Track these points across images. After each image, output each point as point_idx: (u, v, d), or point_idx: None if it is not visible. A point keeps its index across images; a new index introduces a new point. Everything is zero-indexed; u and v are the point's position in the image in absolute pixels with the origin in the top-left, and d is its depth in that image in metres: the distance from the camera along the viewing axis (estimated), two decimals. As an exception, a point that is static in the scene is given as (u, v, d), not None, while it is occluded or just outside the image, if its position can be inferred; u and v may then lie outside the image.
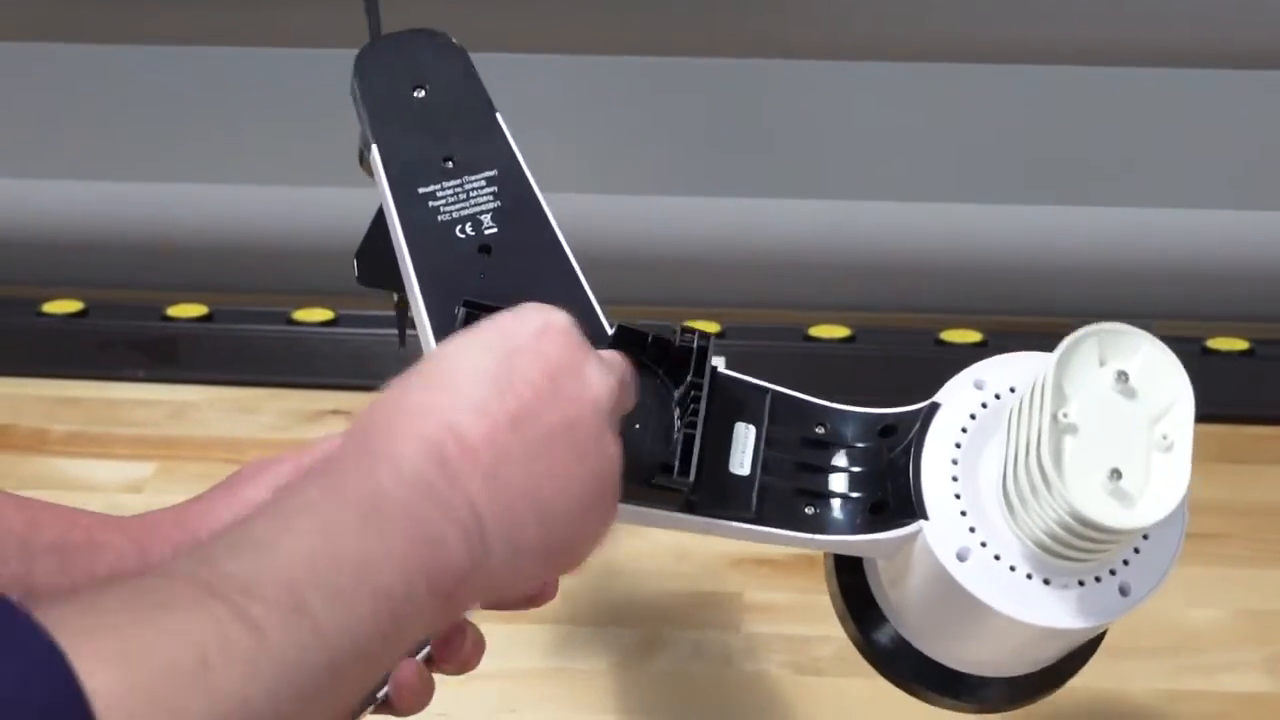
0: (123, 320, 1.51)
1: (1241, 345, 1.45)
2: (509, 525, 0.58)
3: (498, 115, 0.85)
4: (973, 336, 1.46)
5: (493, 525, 0.58)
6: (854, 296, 1.56)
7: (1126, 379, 0.67)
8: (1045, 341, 1.50)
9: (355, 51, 0.87)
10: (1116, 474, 0.64)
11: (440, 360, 0.62)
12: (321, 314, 1.49)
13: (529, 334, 0.63)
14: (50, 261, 1.60)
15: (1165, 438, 0.66)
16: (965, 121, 1.47)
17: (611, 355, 0.68)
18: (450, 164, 0.82)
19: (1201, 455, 1.39)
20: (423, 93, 0.85)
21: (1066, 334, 1.26)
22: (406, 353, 0.85)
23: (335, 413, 1.42)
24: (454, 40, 0.87)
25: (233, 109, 1.51)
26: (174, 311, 1.51)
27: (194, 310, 1.51)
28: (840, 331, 1.47)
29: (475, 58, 0.87)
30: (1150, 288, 1.53)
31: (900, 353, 1.47)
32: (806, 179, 1.52)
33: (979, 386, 0.74)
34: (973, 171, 1.50)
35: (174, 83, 1.50)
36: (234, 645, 0.48)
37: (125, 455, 1.38)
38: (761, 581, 1.21)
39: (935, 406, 0.74)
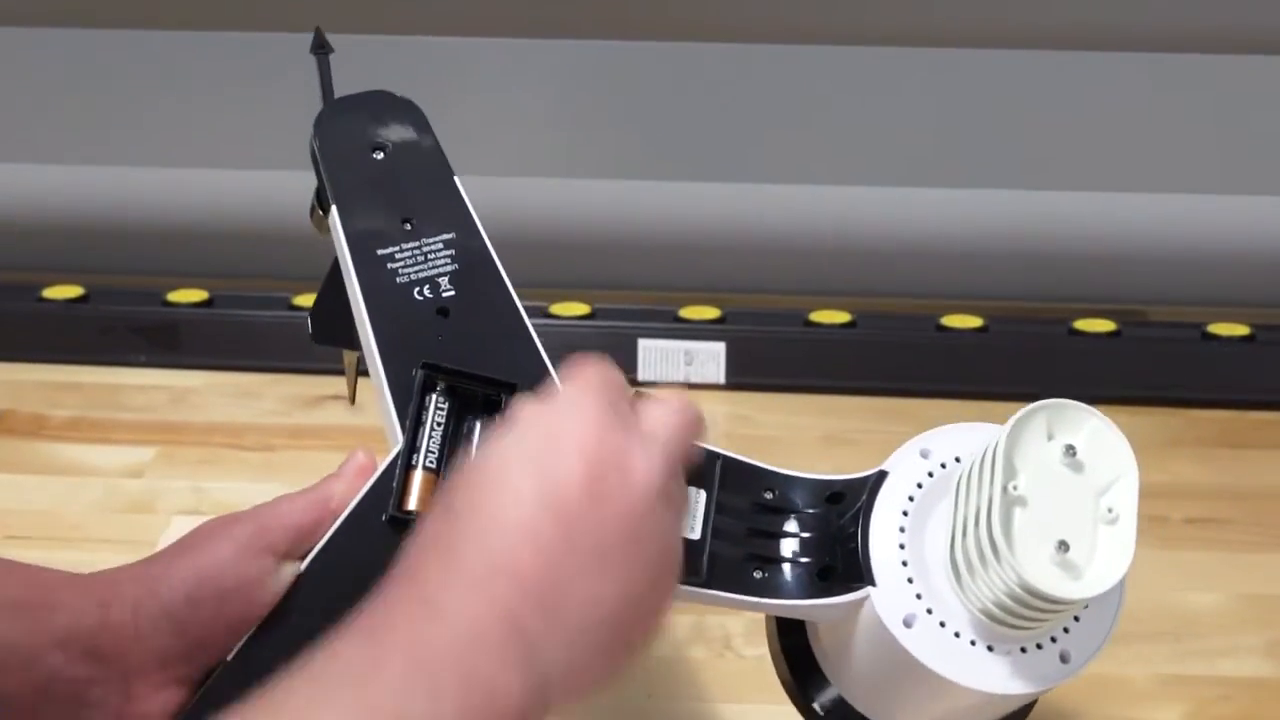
0: (123, 305, 1.51)
1: (1242, 330, 1.45)
2: (566, 645, 0.58)
3: (455, 178, 0.85)
4: (974, 322, 1.46)
5: (551, 652, 0.57)
6: (854, 282, 1.56)
7: (1074, 453, 0.69)
8: (1046, 326, 1.51)
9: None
10: (1064, 546, 0.66)
11: (482, 486, 0.61)
12: (322, 299, 1.49)
13: (567, 436, 0.61)
14: (51, 247, 1.60)
15: (1110, 510, 0.67)
16: (965, 106, 1.47)
17: (657, 414, 0.66)
18: (409, 226, 0.82)
19: (1203, 440, 1.40)
20: (382, 155, 0.85)
21: (1068, 320, 1.27)
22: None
23: (336, 398, 1.42)
24: (411, 101, 0.88)
25: (235, 94, 1.50)
26: (175, 297, 1.51)
27: (195, 295, 1.51)
28: (841, 317, 1.47)
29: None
30: (1151, 272, 1.53)
31: (901, 338, 1.47)
32: (806, 164, 1.52)
33: (925, 455, 0.76)
34: (973, 156, 1.50)
35: (176, 67, 1.50)
36: None
37: (126, 440, 1.38)
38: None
39: (883, 475, 0.75)
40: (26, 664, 0.68)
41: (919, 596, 0.71)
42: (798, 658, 0.81)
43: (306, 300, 1.48)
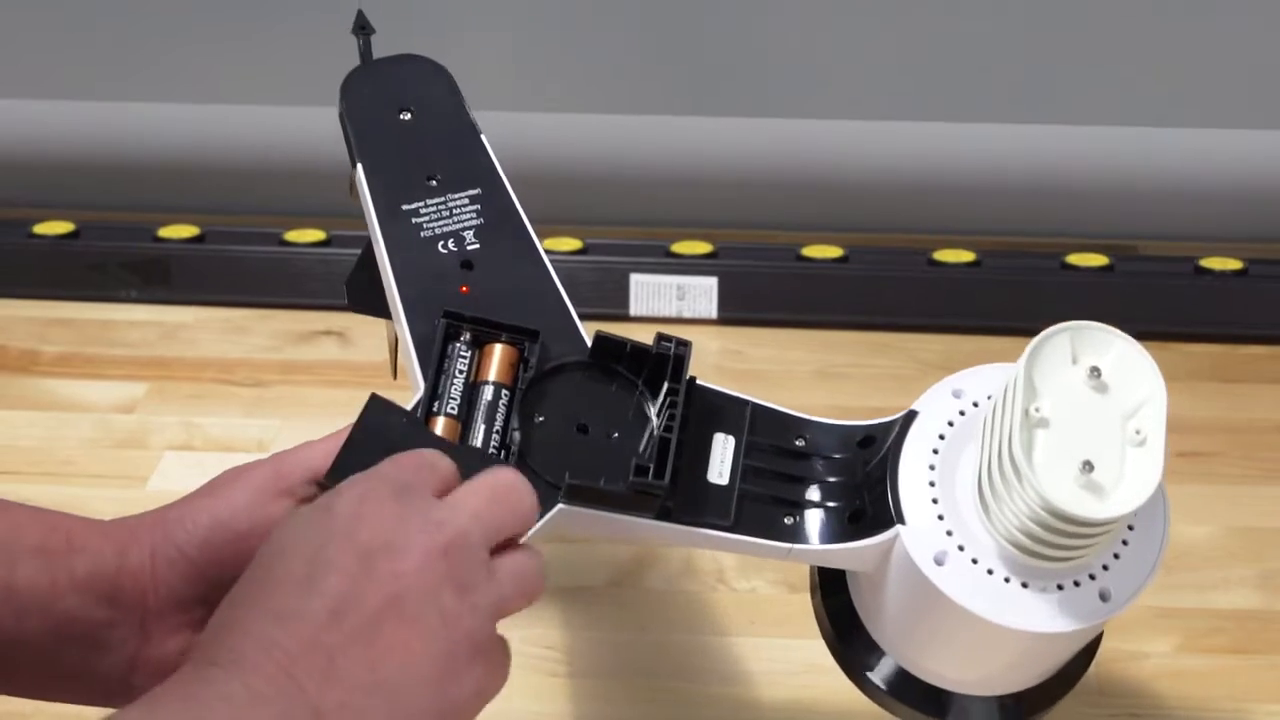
0: (114, 241, 1.50)
1: (1235, 265, 1.45)
2: (349, 707, 0.58)
3: (482, 136, 0.85)
4: (965, 256, 1.46)
5: (335, 713, 0.57)
6: (847, 216, 1.56)
7: (1099, 375, 0.67)
8: (1038, 260, 1.51)
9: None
10: (1089, 466, 0.65)
11: (259, 569, 0.62)
12: (313, 234, 1.48)
13: (344, 514, 0.62)
14: (41, 183, 1.59)
15: (1138, 433, 0.66)
16: (956, 39, 1.47)
17: (462, 497, 0.65)
18: (434, 182, 0.83)
19: (1195, 374, 1.40)
20: (409, 115, 0.86)
21: (1060, 254, 1.26)
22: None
23: (327, 333, 1.42)
24: (440, 64, 0.88)
25: (224, 27, 1.50)
26: (166, 232, 1.50)
27: (186, 231, 1.50)
28: (833, 251, 1.47)
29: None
30: (1144, 206, 1.53)
31: (893, 272, 1.46)
32: (799, 98, 1.51)
33: (956, 395, 0.74)
34: (965, 90, 1.49)
35: (166, 0, 1.49)
36: None
37: (117, 376, 1.38)
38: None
39: (913, 415, 0.74)
40: (45, 607, 0.68)
41: (950, 534, 0.70)
42: (842, 617, 0.80)
43: (297, 236, 1.48)
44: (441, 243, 0.80)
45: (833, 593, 0.80)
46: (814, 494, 0.75)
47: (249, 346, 1.42)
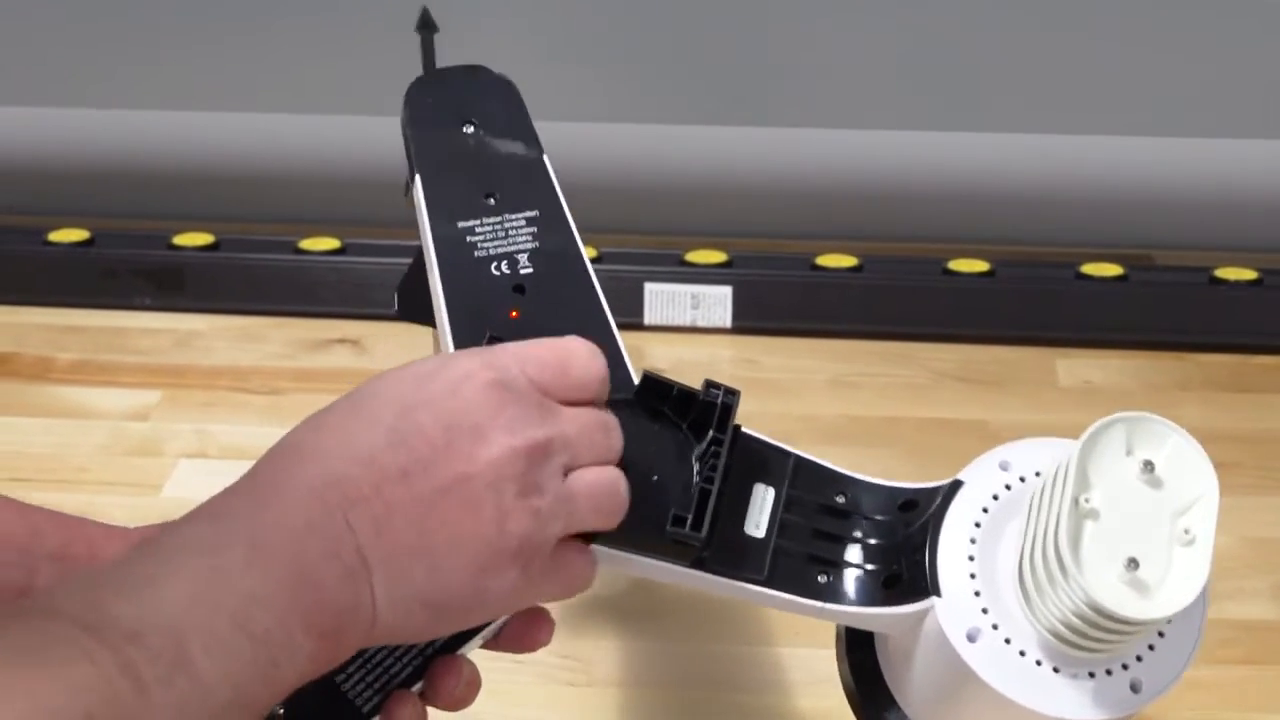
0: (129, 249, 1.51)
1: (1249, 275, 1.44)
2: (396, 572, 0.59)
3: (545, 157, 0.84)
4: (980, 266, 1.46)
5: (380, 571, 0.59)
6: (862, 226, 1.56)
7: (1152, 469, 0.65)
8: (1052, 270, 1.51)
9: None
10: (1134, 563, 0.63)
11: (346, 405, 0.63)
12: (328, 243, 1.48)
13: (444, 385, 0.63)
14: (56, 190, 1.60)
15: (1188, 532, 0.64)
16: (971, 49, 1.47)
17: (571, 414, 0.66)
18: (492, 201, 0.81)
19: (1210, 384, 1.39)
20: (471, 129, 0.84)
21: (1074, 264, 1.26)
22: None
23: (342, 341, 1.42)
24: (507, 78, 0.87)
25: (239, 37, 1.50)
26: (180, 240, 1.50)
27: (200, 239, 1.50)
28: (848, 261, 1.47)
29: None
30: (1158, 216, 1.53)
31: (907, 282, 1.46)
32: (813, 107, 1.51)
33: (1004, 468, 0.72)
34: (980, 100, 1.49)
35: (182, 9, 1.49)
36: (119, 702, 0.49)
37: (131, 383, 1.38)
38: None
39: (958, 484, 0.72)
40: None
41: (985, 611, 0.68)
42: (864, 673, 0.79)
43: (311, 244, 1.48)
44: (495, 264, 0.78)
45: (858, 648, 0.79)
46: (851, 554, 0.73)
47: (263, 354, 1.42)
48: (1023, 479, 0.72)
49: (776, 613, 0.83)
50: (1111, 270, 1.45)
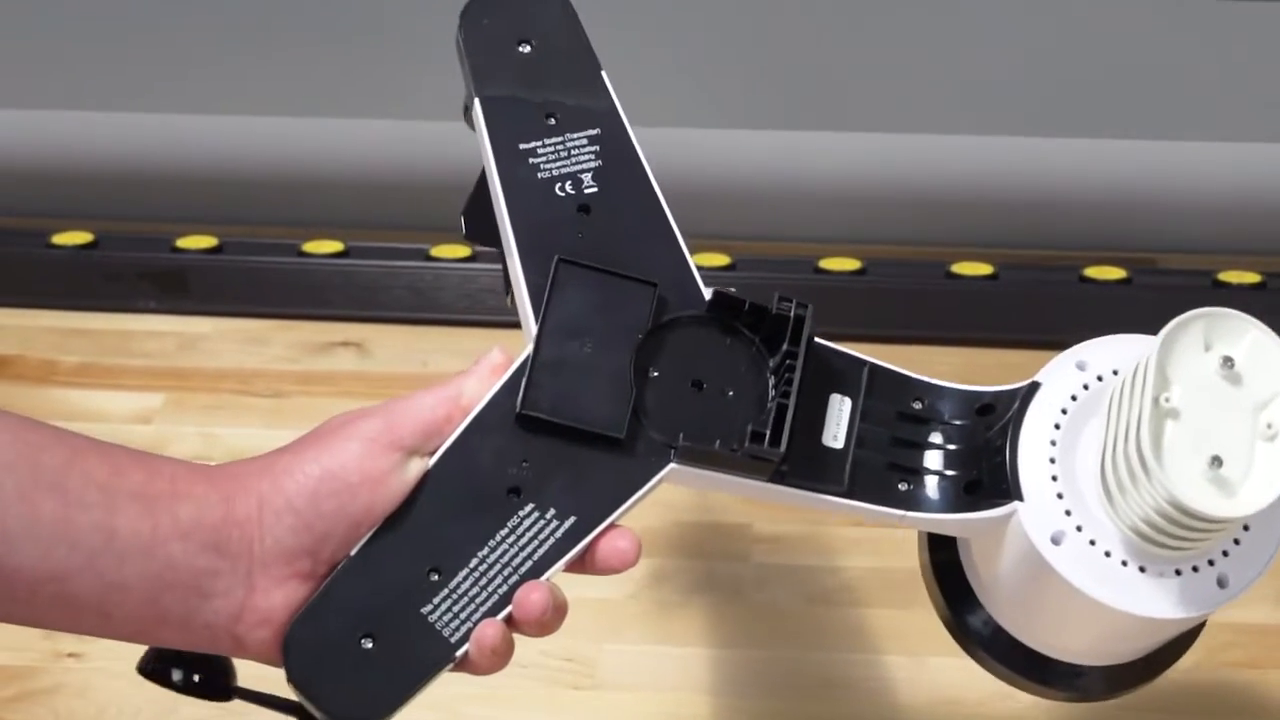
0: (133, 251, 1.51)
1: (1253, 278, 1.44)
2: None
3: (603, 74, 0.83)
4: (983, 269, 1.46)
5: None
6: (865, 229, 1.56)
7: (1232, 365, 0.65)
8: (1056, 273, 1.50)
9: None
10: (1217, 461, 0.63)
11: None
12: (332, 245, 1.48)
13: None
14: (60, 193, 1.60)
15: (1270, 426, 0.64)
16: (975, 52, 1.47)
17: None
18: (553, 121, 0.80)
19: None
20: (528, 48, 0.83)
21: (1078, 267, 1.25)
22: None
23: (345, 344, 1.42)
24: None
25: (243, 40, 1.50)
26: (184, 243, 1.50)
27: (204, 242, 1.51)
28: (851, 264, 1.47)
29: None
30: (1161, 220, 1.53)
31: (911, 285, 1.46)
32: (816, 111, 1.51)
33: (1081, 368, 0.71)
34: (984, 103, 1.49)
35: (185, 11, 1.49)
36: None
37: (135, 386, 1.38)
38: (770, 514, 1.21)
39: (1035, 386, 0.71)
40: (145, 552, 0.67)
41: (1068, 513, 0.68)
42: (949, 574, 0.78)
43: (315, 246, 1.48)
44: (559, 184, 0.78)
45: (940, 549, 0.78)
46: (930, 461, 0.73)
47: (267, 357, 1.42)
48: (1100, 378, 0.71)
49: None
50: (1115, 273, 1.45)
